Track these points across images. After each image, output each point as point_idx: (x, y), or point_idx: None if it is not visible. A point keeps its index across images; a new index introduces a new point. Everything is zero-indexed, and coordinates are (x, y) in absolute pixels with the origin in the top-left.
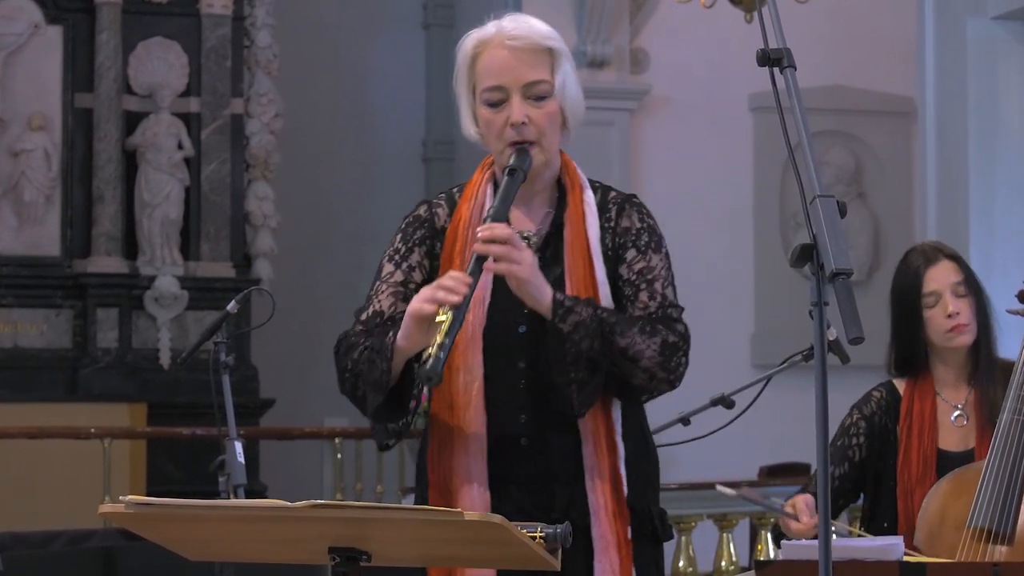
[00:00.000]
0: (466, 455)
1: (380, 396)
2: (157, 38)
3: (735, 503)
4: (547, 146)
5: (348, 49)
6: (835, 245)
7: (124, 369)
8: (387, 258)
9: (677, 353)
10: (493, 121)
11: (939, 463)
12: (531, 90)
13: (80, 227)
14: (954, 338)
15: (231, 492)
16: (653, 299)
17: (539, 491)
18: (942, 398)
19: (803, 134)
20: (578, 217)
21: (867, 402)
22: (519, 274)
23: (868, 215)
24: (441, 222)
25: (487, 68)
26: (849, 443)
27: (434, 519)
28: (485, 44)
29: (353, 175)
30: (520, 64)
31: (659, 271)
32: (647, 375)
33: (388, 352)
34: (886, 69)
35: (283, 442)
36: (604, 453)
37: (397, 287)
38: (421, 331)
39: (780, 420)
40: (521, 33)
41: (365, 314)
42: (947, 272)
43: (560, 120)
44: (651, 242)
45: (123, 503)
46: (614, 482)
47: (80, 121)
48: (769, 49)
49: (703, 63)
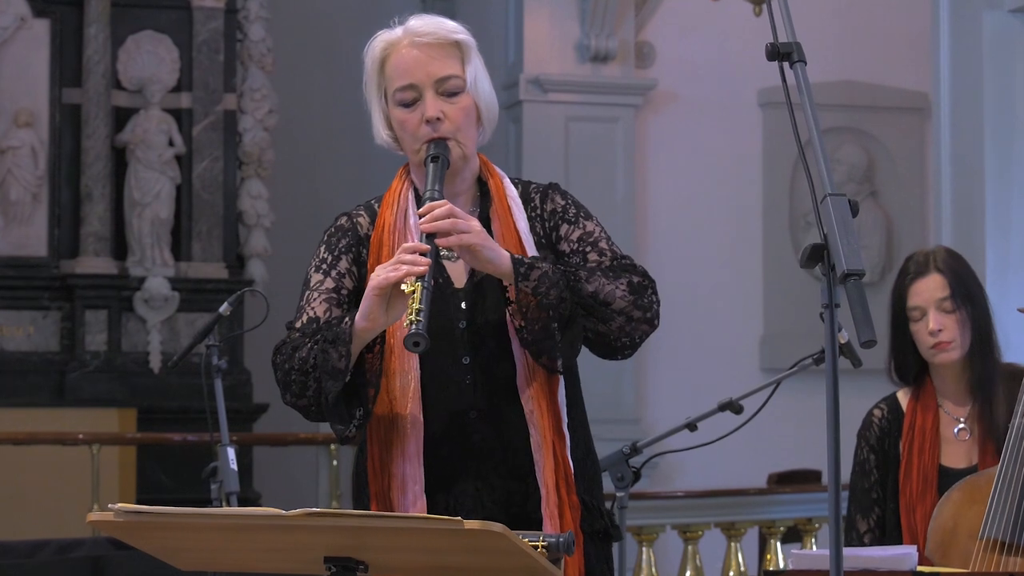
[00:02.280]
0: (404, 460)
1: (339, 383)
2: (147, 32)
3: (743, 511)
4: (463, 141)
5: (344, 42)
6: (847, 245)
7: (113, 373)
8: (313, 268)
9: (646, 292)
10: (407, 120)
11: (940, 480)
12: (443, 85)
13: (68, 227)
14: (937, 355)
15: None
16: (603, 255)
17: (495, 488)
18: (944, 410)
19: (814, 131)
20: (504, 210)
21: (869, 427)
22: (470, 241)
23: (881, 214)
24: (364, 230)
25: (397, 68)
26: (869, 484)
27: (433, 528)
28: (393, 45)
29: (350, 173)
30: (430, 60)
31: (598, 233)
32: (624, 317)
33: (346, 336)
34: (899, 64)
35: (277, 448)
36: (552, 441)
37: (329, 294)
38: (382, 307)
39: (790, 426)
40: (428, 29)
41: (299, 322)
42: (933, 287)
43: (475, 116)
44: (580, 212)
45: (112, 511)
46: (563, 472)
47: (68, 117)
48: (779, 43)
49: (711, 58)
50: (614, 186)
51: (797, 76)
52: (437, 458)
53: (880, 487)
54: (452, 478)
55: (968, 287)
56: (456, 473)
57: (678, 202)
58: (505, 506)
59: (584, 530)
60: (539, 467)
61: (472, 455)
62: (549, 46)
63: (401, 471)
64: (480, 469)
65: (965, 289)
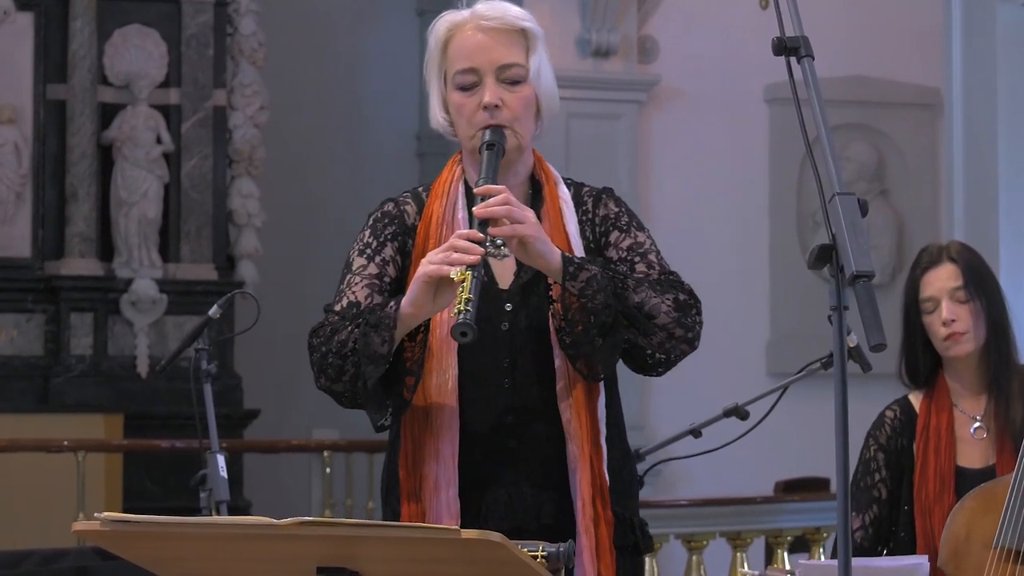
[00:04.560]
0: (438, 462)
1: (380, 369)
2: (134, 25)
3: (749, 520)
4: (520, 131)
5: (338, 37)
6: (856, 246)
7: (99, 378)
8: (357, 252)
9: (691, 311)
10: (464, 105)
11: (958, 481)
12: (505, 73)
13: (52, 227)
14: (951, 347)
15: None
16: (652, 268)
17: (527, 496)
18: (959, 410)
19: (822, 128)
20: (555, 211)
21: (881, 427)
22: (523, 232)
23: (891, 213)
24: (411, 220)
25: (459, 50)
26: (872, 482)
27: (429, 537)
28: (458, 27)
29: (343, 171)
30: (495, 46)
31: (649, 245)
32: (665, 333)
33: (391, 321)
34: (910, 58)
35: (268, 455)
36: (589, 455)
37: (371, 279)
38: (430, 295)
39: (797, 432)
40: (495, 14)
41: (339, 305)
42: (946, 276)
43: (534, 108)
44: (632, 222)
45: (98, 520)
46: (599, 486)
47: (52, 114)
48: (785, 37)
49: (716, 52)
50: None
51: (804, 71)
52: (469, 461)
53: (884, 486)
54: (484, 483)
55: (982, 278)
56: (488, 478)
57: (682, 201)
58: (536, 516)
59: (616, 544)
60: (574, 480)
61: (505, 461)
62: (549, 40)
63: (434, 472)
64: (512, 476)
65: (979, 279)
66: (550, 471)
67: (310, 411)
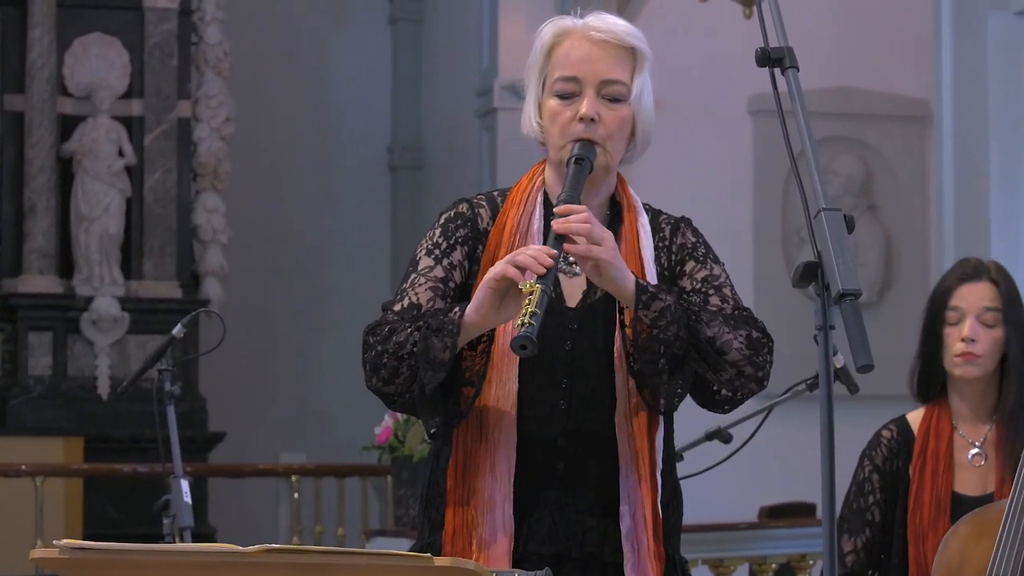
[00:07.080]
0: (493, 478)
1: (440, 375)
2: (95, 34)
3: (732, 547)
4: (612, 150)
5: (306, 46)
6: (842, 263)
7: (58, 399)
8: (425, 252)
9: (763, 349)
10: (560, 113)
11: (954, 507)
12: (606, 88)
13: (10, 242)
14: (960, 365)
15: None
16: (726, 302)
17: (571, 522)
18: (959, 433)
19: (807, 141)
20: (632, 236)
21: (877, 447)
22: (599, 255)
23: (879, 229)
24: (484, 224)
25: (564, 58)
26: (866, 504)
27: (401, 564)
28: (567, 33)
29: (312, 186)
30: (601, 59)
31: (724, 279)
32: (735, 370)
33: (454, 327)
34: (899, 69)
35: (234, 480)
36: (645, 489)
37: (436, 282)
38: (495, 304)
39: (782, 456)
40: (606, 27)
41: (399, 305)
42: (982, 294)
43: (629, 129)
44: (709, 254)
45: (57, 547)
46: (653, 521)
47: (10, 125)
48: (769, 47)
49: (698, 62)
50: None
51: (789, 82)
52: (517, 480)
53: (877, 509)
54: (531, 504)
55: (1016, 308)
56: (534, 499)
57: None
58: (580, 543)
59: None
60: (626, 511)
61: (554, 483)
62: (526, 50)
63: (488, 487)
64: (560, 499)
65: (1013, 309)
66: (598, 498)
67: (277, 434)
